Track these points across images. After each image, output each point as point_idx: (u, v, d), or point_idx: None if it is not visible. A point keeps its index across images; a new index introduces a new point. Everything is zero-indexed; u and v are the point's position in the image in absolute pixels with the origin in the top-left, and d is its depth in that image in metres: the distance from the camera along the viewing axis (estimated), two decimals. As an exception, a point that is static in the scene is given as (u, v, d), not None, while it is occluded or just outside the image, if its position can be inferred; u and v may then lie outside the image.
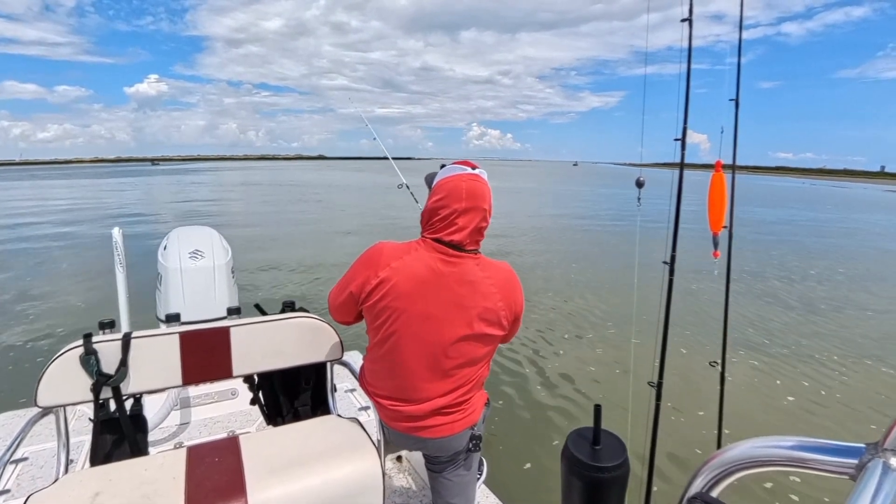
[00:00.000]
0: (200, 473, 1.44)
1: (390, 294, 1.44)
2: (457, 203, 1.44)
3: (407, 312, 1.44)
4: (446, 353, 1.48)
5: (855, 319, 8.02)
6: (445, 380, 1.51)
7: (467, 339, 1.47)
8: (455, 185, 1.45)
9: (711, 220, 2.63)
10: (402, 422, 1.57)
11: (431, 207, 1.49)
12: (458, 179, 1.46)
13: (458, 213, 1.44)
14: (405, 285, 1.43)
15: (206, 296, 2.85)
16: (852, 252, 15.20)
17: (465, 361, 1.51)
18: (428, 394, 1.52)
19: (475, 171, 1.50)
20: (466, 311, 1.45)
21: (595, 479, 1.42)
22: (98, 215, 20.90)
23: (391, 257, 1.45)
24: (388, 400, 1.58)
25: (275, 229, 16.70)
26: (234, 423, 2.79)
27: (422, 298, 1.43)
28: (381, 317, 1.48)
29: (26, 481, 2.28)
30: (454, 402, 1.54)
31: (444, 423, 1.54)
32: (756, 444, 0.63)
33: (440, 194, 1.47)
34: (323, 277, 9.93)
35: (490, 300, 1.47)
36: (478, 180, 1.48)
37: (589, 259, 12.39)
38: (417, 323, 1.45)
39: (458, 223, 1.44)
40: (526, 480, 3.72)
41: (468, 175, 1.47)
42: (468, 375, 1.54)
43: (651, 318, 2.88)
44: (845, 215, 29.64)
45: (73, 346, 1.56)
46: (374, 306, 1.48)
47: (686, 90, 2.51)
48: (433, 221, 1.48)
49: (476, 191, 1.45)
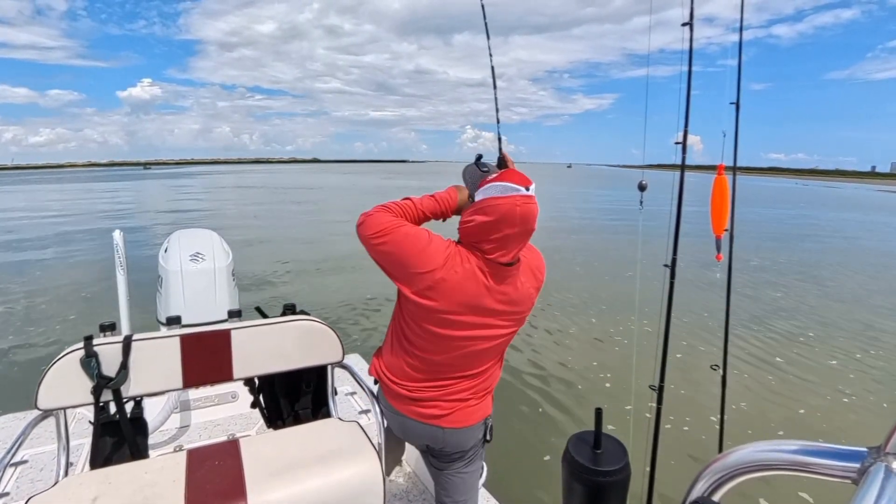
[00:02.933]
0: (201, 476, 1.44)
1: (439, 305, 1.42)
2: (510, 229, 1.36)
3: (455, 323, 1.45)
4: (480, 356, 1.54)
5: (859, 324, 7.99)
6: (473, 373, 1.57)
7: (506, 337, 1.55)
8: (510, 210, 1.35)
9: (714, 223, 2.62)
10: (422, 408, 1.57)
11: (480, 226, 1.39)
12: (513, 204, 1.35)
13: (509, 238, 1.38)
14: (457, 298, 1.41)
15: (206, 298, 2.85)
16: (856, 255, 15.17)
17: (494, 357, 1.60)
18: (456, 382, 1.56)
19: (529, 190, 1.39)
20: (509, 315, 1.50)
21: (596, 484, 1.41)
22: (95, 219, 20.94)
23: (447, 267, 1.40)
24: (409, 388, 1.58)
25: (275, 232, 16.72)
26: (235, 426, 2.78)
27: (469, 310, 1.44)
28: (423, 319, 1.47)
29: (26, 484, 2.28)
30: (476, 390, 1.59)
31: (463, 412, 1.57)
32: (757, 448, 0.62)
33: (492, 216, 1.36)
34: (324, 279, 9.94)
35: (529, 301, 1.54)
36: (532, 202, 1.39)
37: (590, 261, 12.38)
38: (461, 331, 1.47)
39: (507, 247, 1.39)
40: (527, 484, 3.71)
41: (522, 198, 1.36)
42: (492, 368, 1.62)
43: (652, 321, 2.87)
44: (840, 215, 29.61)
45: (73, 349, 1.56)
46: (420, 307, 1.44)
47: (687, 94, 2.51)
48: (480, 242, 1.40)
49: (530, 215, 1.38)
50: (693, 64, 2.52)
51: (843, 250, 16.10)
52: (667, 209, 2.54)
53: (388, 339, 1.65)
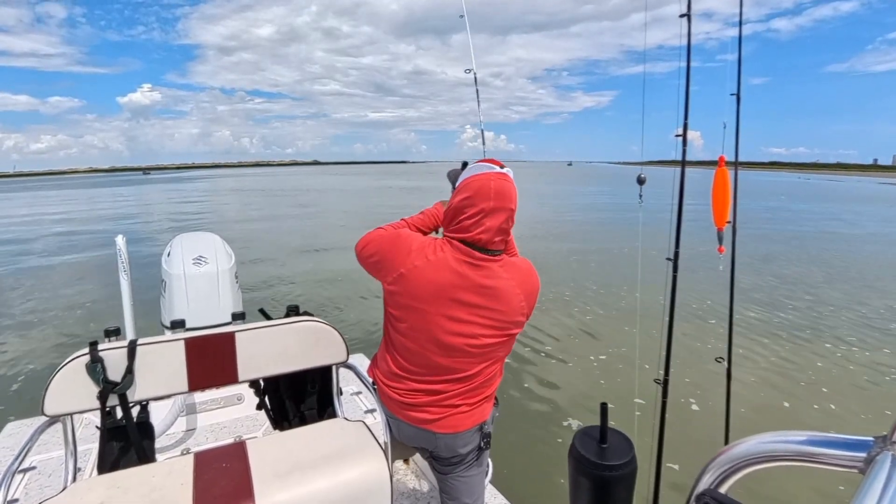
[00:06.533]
0: (208, 479, 1.44)
1: (410, 292, 1.44)
2: (484, 202, 1.40)
3: (427, 313, 1.44)
4: (467, 352, 1.47)
5: (864, 314, 7.97)
6: (462, 377, 1.51)
7: (489, 339, 1.47)
8: (483, 184, 1.42)
9: (716, 215, 2.62)
10: (414, 412, 1.56)
11: (457, 206, 1.45)
12: (487, 178, 1.43)
13: (485, 212, 1.40)
14: (427, 288, 1.42)
15: (210, 301, 2.85)
16: (860, 248, 15.12)
17: (484, 361, 1.52)
18: (444, 385, 1.52)
19: (503, 169, 1.47)
20: (490, 313, 1.45)
21: (603, 478, 1.42)
22: (97, 224, 20.99)
23: (416, 254, 1.44)
24: (401, 390, 1.57)
25: (277, 234, 16.74)
26: (241, 428, 2.79)
27: (443, 301, 1.43)
28: (401, 310, 1.49)
29: (34, 490, 2.29)
30: (467, 397, 1.54)
31: (454, 418, 1.54)
32: (764, 439, 0.63)
33: (467, 193, 1.43)
34: (326, 281, 9.95)
35: (514, 301, 1.46)
36: (506, 179, 1.45)
37: (591, 256, 12.37)
38: (438, 323, 1.44)
39: (484, 223, 1.41)
40: (533, 479, 3.72)
41: (496, 174, 1.44)
42: (484, 373, 1.54)
43: (656, 315, 2.87)
44: (847, 207, 29.51)
45: (78, 355, 1.57)
46: (393, 296, 1.48)
47: (686, 86, 2.50)
48: (459, 220, 1.45)
49: (504, 190, 1.42)
50: (692, 59, 2.51)
51: (849, 240, 16.06)
52: (668, 206, 2.53)
53: (381, 343, 1.68)
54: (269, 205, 29.79)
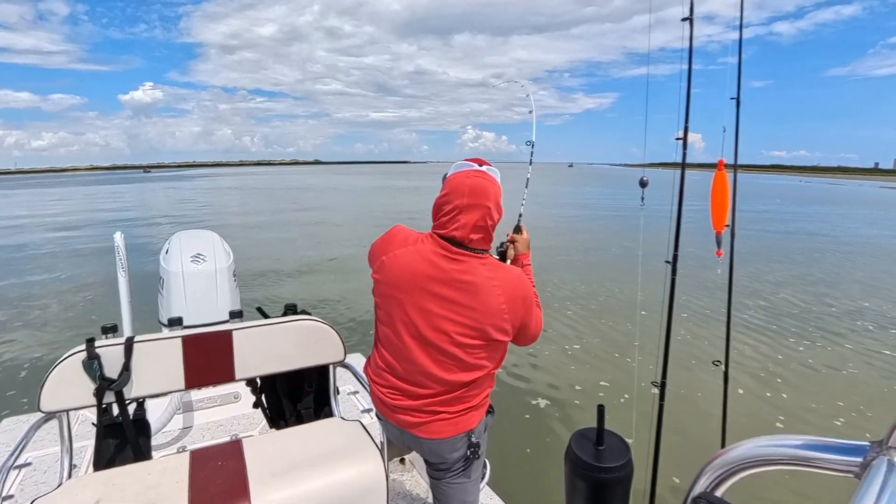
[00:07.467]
0: (204, 477, 1.44)
1: (387, 281, 1.48)
2: (458, 199, 1.44)
3: (402, 302, 1.46)
4: (443, 349, 1.44)
5: (862, 319, 7.98)
6: (442, 378, 1.47)
7: (464, 338, 1.43)
8: (459, 182, 1.47)
9: (714, 218, 2.62)
10: (398, 414, 1.54)
11: (437, 203, 1.51)
12: (464, 176, 1.48)
13: (459, 209, 1.44)
14: (402, 275, 1.45)
15: (208, 299, 2.85)
16: (861, 252, 15.14)
17: (464, 361, 1.46)
18: (424, 389, 1.49)
19: (482, 167, 1.51)
20: (463, 309, 1.42)
21: (599, 480, 1.42)
22: (96, 221, 20.98)
23: (398, 244, 1.50)
24: (385, 389, 1.56)
25: (276, 233, 16.73)
26: (238, 426, 2.79)
27: (418, 290, 1.43)
28: (381, 298, 1.52)
29: (30, 486, 2.28)
30: (449, 405, 1.49)
31: (436, 424, 1.50)
32: (760, 443, 0.62)
33: (445, 190, 1.49)
34: (324, 280, 9.94)
35: (492, 300, 1.42)
36: (482, 177, 1.48)
37: (590, 258, 12.38)
38: (413, 314, 1.45)
39: (459, 220, 1.44)
40: (529, 481, 3.71)
41: (473, 172, 1.49)
42: (466, 378, 1.48)
43: (654, 318, 2.87)
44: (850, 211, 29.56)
45: (75, 351, 1.56)
46: (378, 285, 1.52)
47: (687, 89, 2.50)
48: (438, 216, 1.50)
49: (479, 187, 1.45)
50: (693, 62, 2.51)
51: (849, 244, 16.08)
52: (668, 208, 2.53)
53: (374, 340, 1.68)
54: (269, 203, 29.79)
